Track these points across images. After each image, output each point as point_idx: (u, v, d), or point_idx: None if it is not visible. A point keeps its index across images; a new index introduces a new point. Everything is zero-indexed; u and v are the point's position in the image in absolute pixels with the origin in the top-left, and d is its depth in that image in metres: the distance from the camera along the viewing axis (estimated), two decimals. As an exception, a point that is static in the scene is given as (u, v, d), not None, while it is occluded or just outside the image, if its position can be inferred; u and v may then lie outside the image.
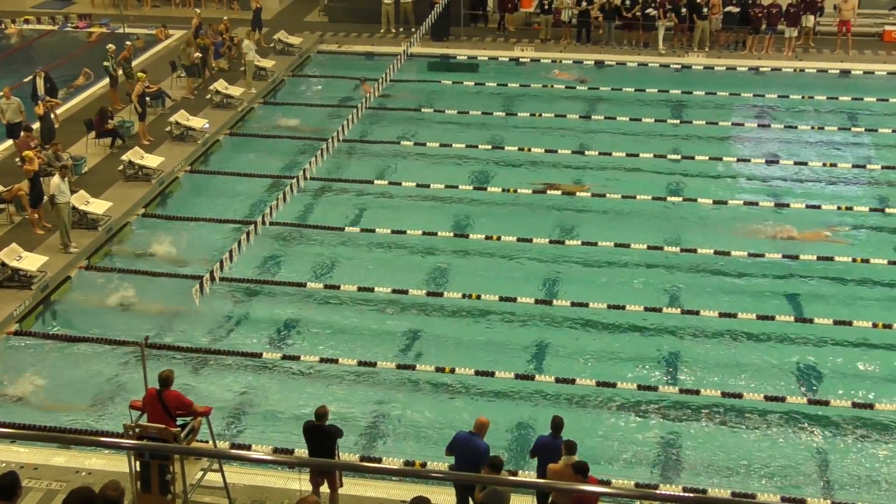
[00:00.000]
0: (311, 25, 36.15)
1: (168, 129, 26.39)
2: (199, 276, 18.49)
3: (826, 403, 17.03)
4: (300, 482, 14.01)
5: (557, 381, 17.56)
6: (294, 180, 21.98)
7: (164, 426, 13.18)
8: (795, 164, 25.55)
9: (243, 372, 18.18)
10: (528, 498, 13.90)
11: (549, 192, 24.09)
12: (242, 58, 30.24)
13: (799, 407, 17.01)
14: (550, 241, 21.97)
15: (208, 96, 28.83)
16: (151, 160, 24.62)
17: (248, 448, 15.79)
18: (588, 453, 14.17)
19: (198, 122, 26.88)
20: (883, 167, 25.20)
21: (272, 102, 30.15)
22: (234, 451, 15.56)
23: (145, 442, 13.11)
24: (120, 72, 28.67)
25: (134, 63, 29.96)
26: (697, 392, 17.28)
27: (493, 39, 34.55)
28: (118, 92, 28.59)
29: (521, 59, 33.18)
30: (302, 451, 14.68)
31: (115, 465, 14.88)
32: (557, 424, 13.68)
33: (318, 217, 23.45)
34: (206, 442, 14.41)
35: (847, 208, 23.12)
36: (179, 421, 13.59)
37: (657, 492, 14.54)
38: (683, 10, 32.96)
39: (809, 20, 32.65)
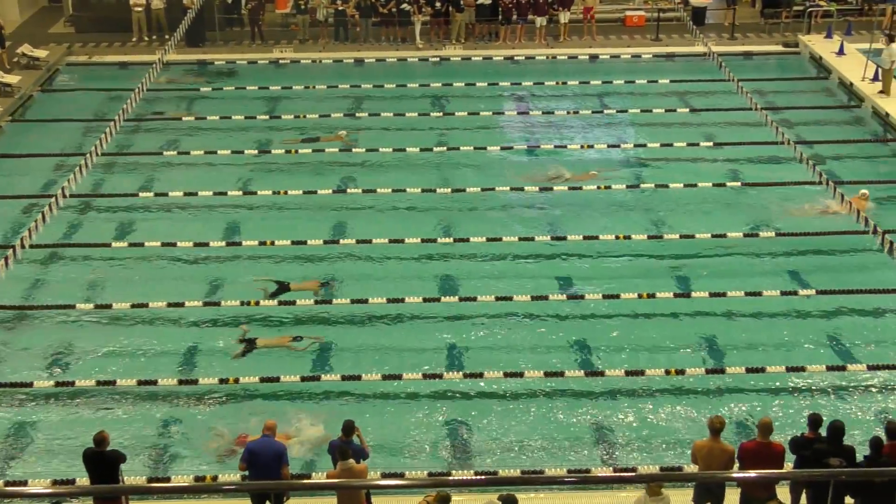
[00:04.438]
0: (57, 37, 34.57)
1: None
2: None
3: (602, 374, 17.75)
4: (85, 512, 13.44)
5: (344, 378, 17.51)
6: (52, 200, 21.09)
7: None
8: (556, 147, 26.45)
9: (14, 404, 17.22)
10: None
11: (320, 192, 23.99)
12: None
13: (577, 381, 17.64)
14: (325, 242, 21.90)
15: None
16: None
17: (25, 483, 14.98)
18: (383, 447, 14.25)
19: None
20: (635, 145, 26.47)
21: (21, 120, 28.66)
22: (8, 488, 14.70)
23: None
24: None
25: None
26: (481, 375, 17.63)
27: (251, 43, 34.08)
28: None
29: (280, 61, 32.90)
30: (84, 480, 14.04)
31: None
32: (349, 427, 13.71)
33: (82, 236, 22.49)
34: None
35: (606, 188, 24.12)
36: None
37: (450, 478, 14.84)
38: (438, 3, 33.57)
39: (566, 16, 33.89)
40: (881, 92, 28.21)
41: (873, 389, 17.46)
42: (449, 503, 12.73)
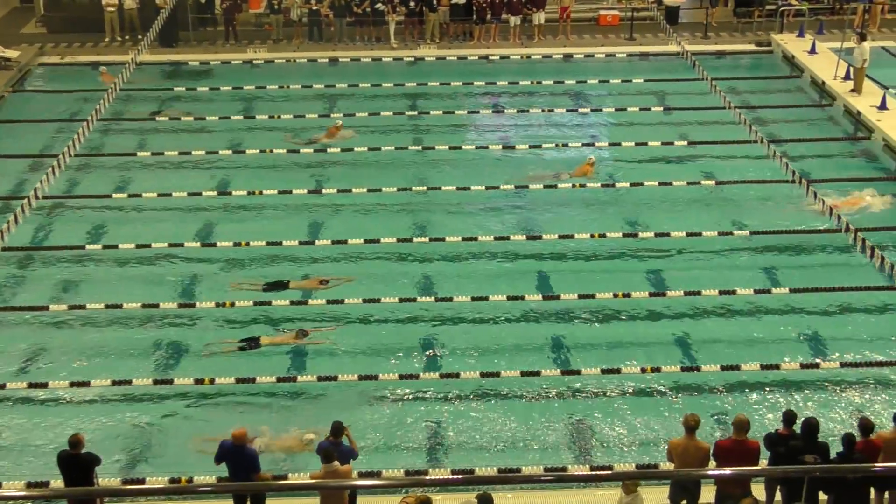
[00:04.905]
0: (29, 37, 34.30)
1: None
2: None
3: (578, 372, 17.79)
4: (59, 515, 13.35)
5: (320, 378, 17.49)
6: (25, 201, 20.94)
7: None
8: (531, 147, 26.50)
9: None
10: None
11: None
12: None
13: (553, 379, 17.68)
14: (300, 242, 21.86)
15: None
16: None
17: (-1, 487, 14.90)
18: (360, 448, 14.21)
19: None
20: (610, 144, 26.53)
21: (-7, 120, 28.46)
22: (-18, 491, 14.61)
23: None
24: None
25: None
26: (458, 375, 17.64)
27: (224, 43, 33.94)
28: None
29: (254, 62, 32.79)
30: (58, 482, 13.95)
31: None
32: (337, 428, 13.73)
33: (55, 238, 22.34)
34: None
35: (581, 185, 24.17)
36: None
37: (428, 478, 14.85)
38: (412, 2, 33.56)
39: (541, 17, 33.94)
40: (853, 90, 28.41)
41: (847, 386, 17.58)
42: None
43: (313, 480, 13.21)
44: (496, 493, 12.54)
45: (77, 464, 13.19)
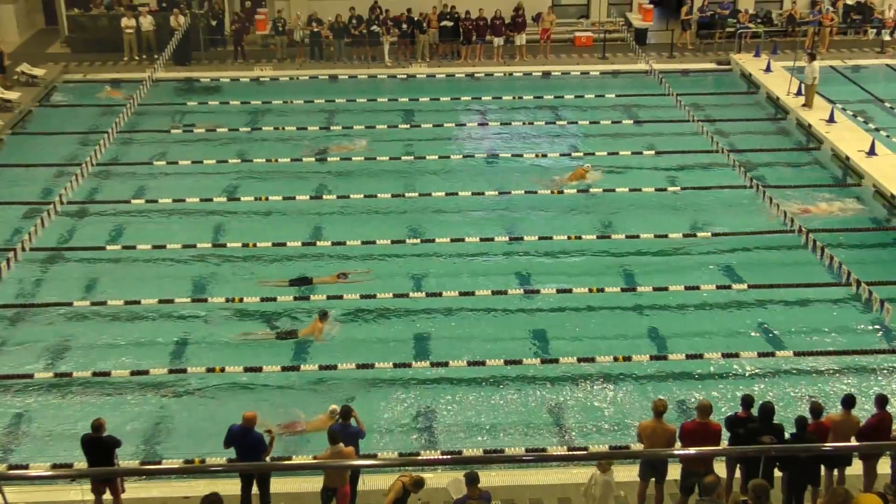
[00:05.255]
0: (55, 57, 34.14)
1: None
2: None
3: (556, 361, 17.79)
4: (82, 493, 13.26)
5: (321, 368, 17.47)
6: (51, 206, 20.87)
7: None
8: (513, 156, 26.48)
9: (15, 394, 16.99)
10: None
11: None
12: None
13: (534, 367, 17.69)
14: (303, 243, 21.82)
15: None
16: None
17: (26, 467, 14.80)
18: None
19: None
20: (585, 154, 26.54)
21: (21, 133, 28.26)
22: (11, 471, 14.53)
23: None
24: None
25: None
26: (447, 363, 17.63)
27: (233, 62, 33.86)
28: None
29: (260, 79, 32.71)
30: (81, 464, 13.89)
31: None
32: (346, 412, 13.72)
33: (78, 239, 22.23)
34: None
35: (559, 192, 24.17)
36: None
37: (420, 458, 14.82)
38: (405, 25, 33.53)
39: (522, 38, 33.93)
40: (804, 105, 28.47)
41: (799, 373, 17.62)
42: (422, 486, 12.74)
43: (318, 460, 13.16)
44: (482, 471, 12.56)
45: (100, 446, 13.13)
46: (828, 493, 10.05)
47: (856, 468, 13.82)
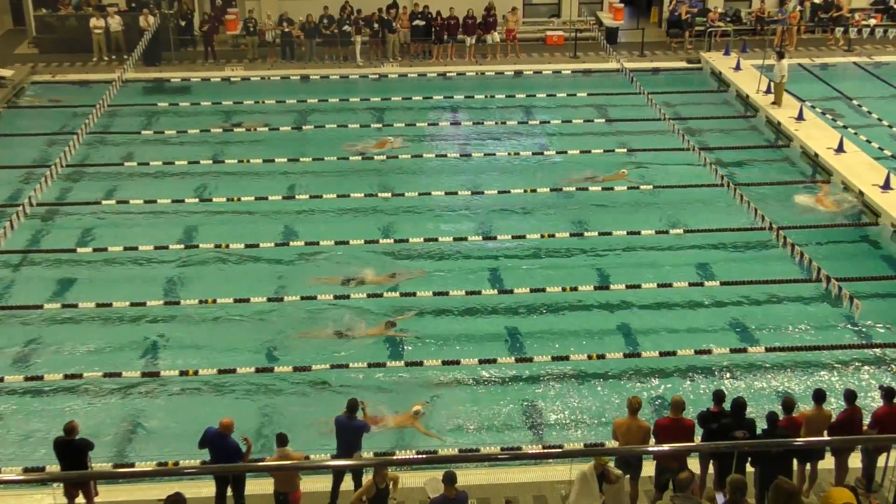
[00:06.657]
0: (22, 57, 33.76)
1: None
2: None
3: (530, 360, 17.84)
4: (55, 497, 13.16)
5: (296, 369, 17.44)
6: (20, 207, 20.66)
7: None
8: (486, 155, 26.51)
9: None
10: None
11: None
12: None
13: (508, 366, 17.75)
14: (276, 244, 21.75)
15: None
16: None
17: (-1, 472, 14.67)
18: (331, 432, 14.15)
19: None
20: (557, 152, 26.62)
21: (-11, 134, 28.00)
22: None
23: None
24: None
25: None
26: (421, 363, 17.61)
27: (203, 62, 33.65)
28: None
29: (231, 79, 32.54)
30: (54, 467, 13.77)
31: None
32: (353, 405, 13.80)
33: (48, 242, 22.03)
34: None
35: (532, 190, 24.23)
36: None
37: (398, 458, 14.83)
38: (376, 24, 33.48)
39: (495, 37, 33.97)
40: (773, 103, 28.70)
41: (771, 369, 17.76)
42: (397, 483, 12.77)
43: (276, 463, 13.08)
44: (459, 470, 12.57)
45: (72, 449, 13.04)
46: (772, 489, 9.90)
47: (828, 462, 13.96)
